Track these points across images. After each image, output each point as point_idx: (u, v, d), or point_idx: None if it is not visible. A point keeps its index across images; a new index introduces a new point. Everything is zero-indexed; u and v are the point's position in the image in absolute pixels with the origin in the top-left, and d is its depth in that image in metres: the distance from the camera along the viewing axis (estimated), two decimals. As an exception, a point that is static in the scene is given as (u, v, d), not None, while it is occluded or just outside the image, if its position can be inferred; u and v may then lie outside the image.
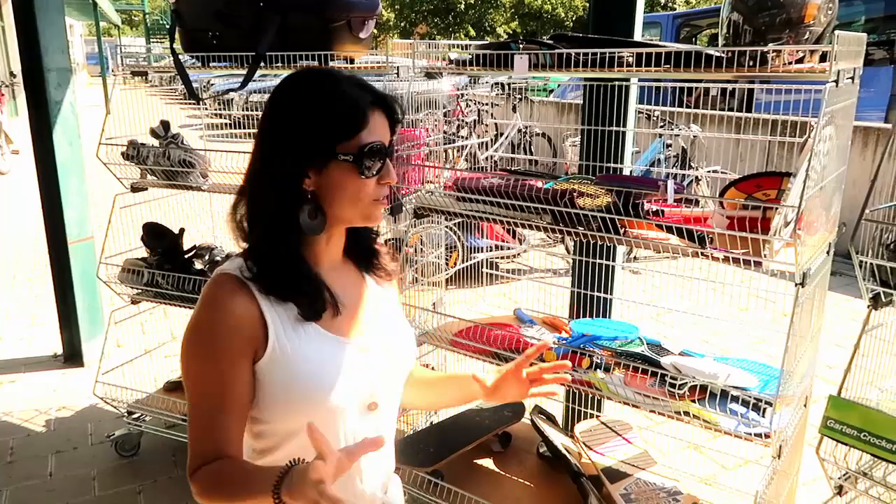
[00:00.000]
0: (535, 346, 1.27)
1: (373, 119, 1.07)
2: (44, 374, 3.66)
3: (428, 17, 37.50)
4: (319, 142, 1.05)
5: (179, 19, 2.56)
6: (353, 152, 1.05)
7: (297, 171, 1.06)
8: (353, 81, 1.10)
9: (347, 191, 1.07)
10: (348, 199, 1.08)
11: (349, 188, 1.07)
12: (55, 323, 3.81)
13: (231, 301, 1.04)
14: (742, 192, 1.92)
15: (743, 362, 2.10)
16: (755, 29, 1.81)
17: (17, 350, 3.96)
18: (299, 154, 1.06)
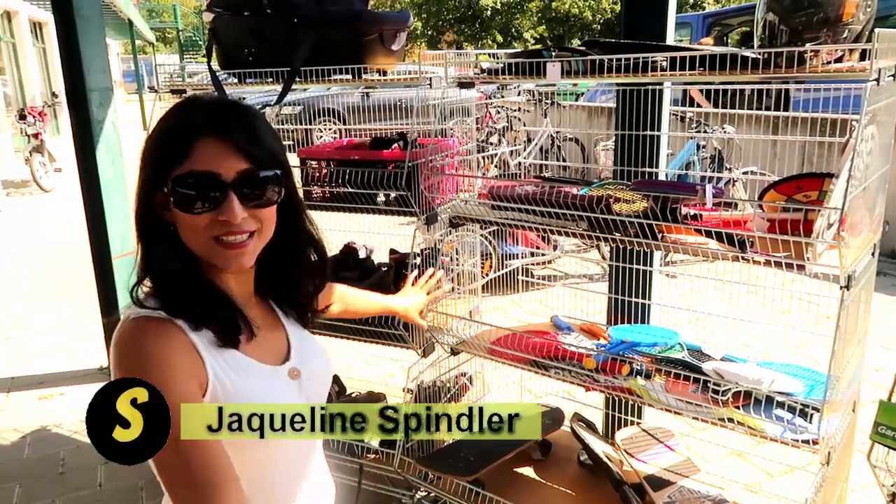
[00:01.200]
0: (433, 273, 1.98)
1: (201, 147, 0.97)
2: (91, 386, 3.75)
3: (454, 24, 37.64)
4: (154, 174, 1.00)
5: (216, 37, 2.61)
6: (173, 184, 0.97)
7: (148, 204, 1.02)
8: (197, 106, 1.03)
9: (183, 226, 1.00)
10: (188, 234, 1.00)
11: (181, 223, 1.00)
12: (100, 336, 3.91)
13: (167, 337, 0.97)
14: (782, 194, 1.88)
15: (787, 367, 2.06)
16: (792, 29, 1.79)
17: (65, 363, 4.07)
18: (145, 187, 1.02)
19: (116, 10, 15.49)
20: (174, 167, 0.97)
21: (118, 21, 18.47)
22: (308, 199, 2.53)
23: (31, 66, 15.22)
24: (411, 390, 2.46)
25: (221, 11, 2.57)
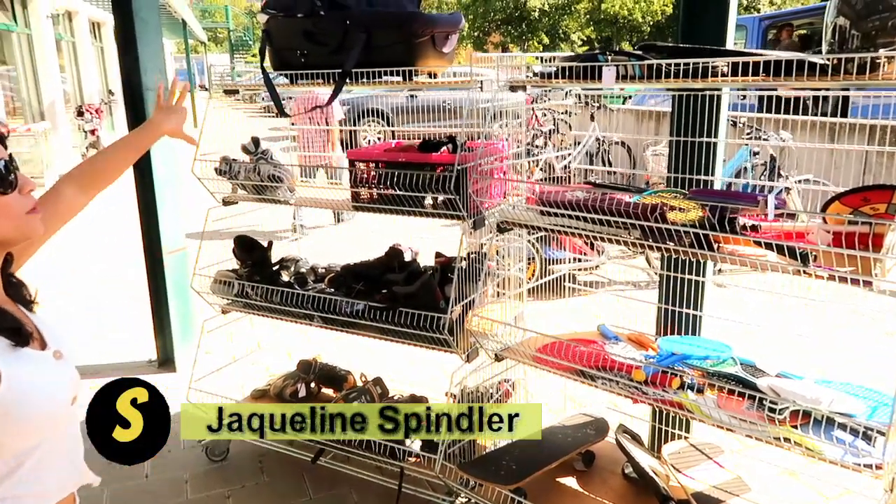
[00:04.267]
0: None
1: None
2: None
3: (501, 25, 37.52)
4: None
5: (269, 39, 2.64)
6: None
7: None
8: None
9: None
10: (2, 219, 1.12)
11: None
12: (150, 330, 3.99)
13: None
14: (847, 206, 1.80)
15: (847, 386, 1.98)
16: (864, 34, 1.70)
17: (116, 355, 4.18)
18: None
19: (171, 10, 15.89)
20: None
21: (172, 21, 18.93)
22: (356, 200, 2.53)
23: (89, 64, 15.72)
24: (454, 395, 2.45)
25: (275, 13, 2.59)
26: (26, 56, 11.52)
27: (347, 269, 2.72)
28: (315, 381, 2.96)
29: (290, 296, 2.57)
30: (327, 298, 2.50)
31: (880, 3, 1.68)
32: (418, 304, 2.33)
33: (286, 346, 4.05)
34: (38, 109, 11.69)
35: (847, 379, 2.04)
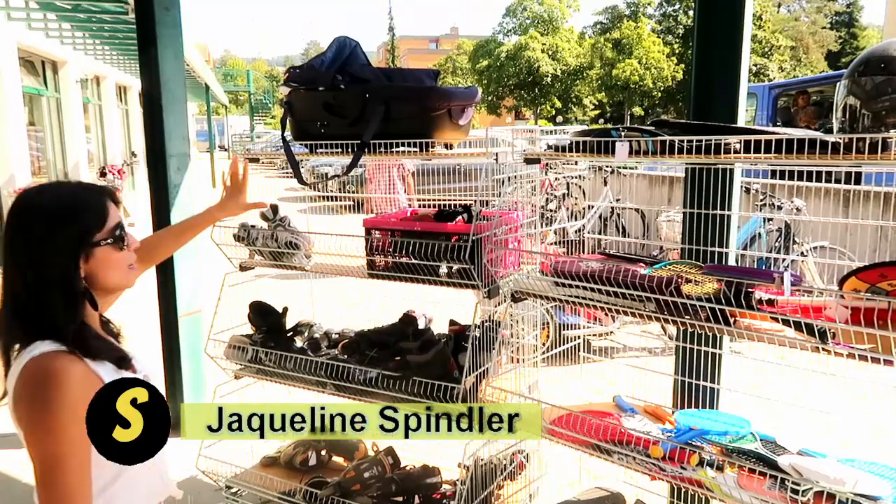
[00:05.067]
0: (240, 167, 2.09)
1: (110, 207, 1.39)
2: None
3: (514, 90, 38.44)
4: (84, 238, 1.34)
5: (291, 110, 2.72)
6: (112, 236, 1.37)
7: (76, 265, 1.33)
8: (80, 185, 1.42)
9: (111, 265, 1.38)
10: (113, 270, 1.39)
11: (112, 263, 1.38)
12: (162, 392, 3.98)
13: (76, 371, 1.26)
14: (864, 281, 1.80)
15: (871, 465, 1.92)
16: (874, 114, 1.74)
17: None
18: (73, 252, 1.32)
19: (195, 75, 16.44)
20: (102, 226, 1.36)
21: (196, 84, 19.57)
22: (371, 268, 2.56)
23: (114, 126, 16.21)
24: (468, 466, 2.40)
25: (297, 86, 2.68)
26: (54, 118, 11.91)
27: (361, 335, 2.72)
28: (326, 448, 2.92)
29: (302, 362, 2.57)
30: (340, 365, 2.49)
31: (889, 84, 1.72)
32: (432, 373, 2.32)
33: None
34: (63, 169, 11.99)
35: (872, 457, 1.99)
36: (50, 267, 1.30)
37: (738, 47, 2.35)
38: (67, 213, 1.33)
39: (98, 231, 1.35)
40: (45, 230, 1.31)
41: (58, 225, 1.31)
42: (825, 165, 1.85)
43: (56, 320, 1.29)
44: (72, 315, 1.31)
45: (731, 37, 2.36)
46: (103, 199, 1.39)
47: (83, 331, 1.32)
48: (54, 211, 1.33)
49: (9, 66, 9.21)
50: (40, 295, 1.30)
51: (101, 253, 1.35)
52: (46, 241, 1.31)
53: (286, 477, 2.85)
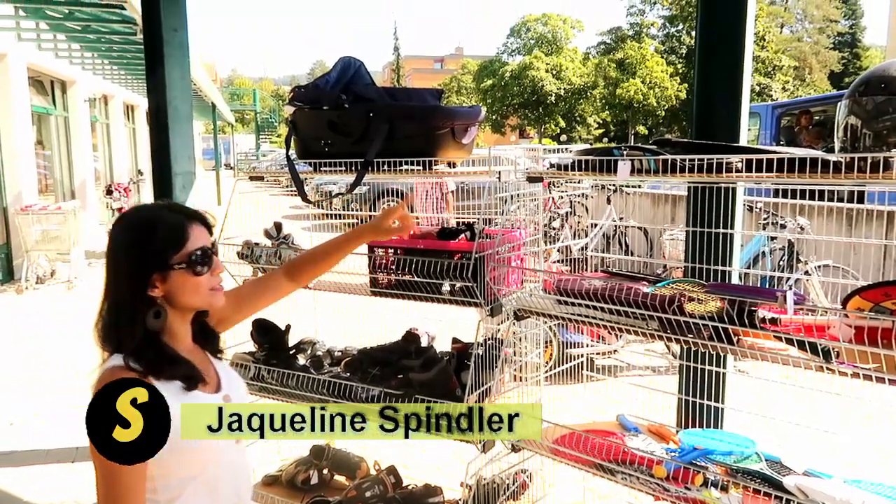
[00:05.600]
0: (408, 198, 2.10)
1: (193, 232, 1.41)
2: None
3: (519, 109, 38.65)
4: (157, 261, 1.37)
5: (295, 129, 2.74)
6: (185, 261, 1.38)
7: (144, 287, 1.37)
8: (169, 208, 1.45)
9: (188, 288, 1.40)
10: (190, 293, 1.41)
11: (189, 286, 1.40)
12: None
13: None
14: (868, 300, 1.79)
15: (878, 486, 1.90)
16: (875, 133, 1.74)
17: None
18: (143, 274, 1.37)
19: (202, 94, 16.59)
20: (178, 250, 1.38)
21: (202, 104, 19.74)
22: (374, 285, 2.56)
23: (121, 144, 16.34)
24: (470, 486, 2.38)
25: (302, 105, 2.70)
26: (62, 137, 12.02)
27: (364, 353, 2.72)
28: (328, 467, 2.91)
29: (305, 380, 2.56)
30: (342, 383, 2.49)
31: (890, 104, 1.72)
32: (434, 392, 2.31)
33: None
34: (70, 188, 12.08)
35: (878, 478, 1.97)
36: (119, 286, 1.38)
37: (740, 67, 2.37)
38: (142, 235, 1.38)
39: (174, 254, 1.37)
40: (121, 251, 1.39)
41: (131, 247, 1.38)
42: (827, 184, 1.86)
43: (121, 336, 1.36)
44: (135, 334, 1.36)
45: (732, 57, 2.38)
46: (185, 223, 1.41)
47: (147, 349, 1.36)
48: (131, 232, 1.40)
49: (18, 85, 9.32)
50: (112, 312, 1.38)
51: (176, 276, 1.38)
52: (121, 261, 1.39)
53: (287, 496, 2.83)
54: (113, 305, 1.39)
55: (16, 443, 4.17)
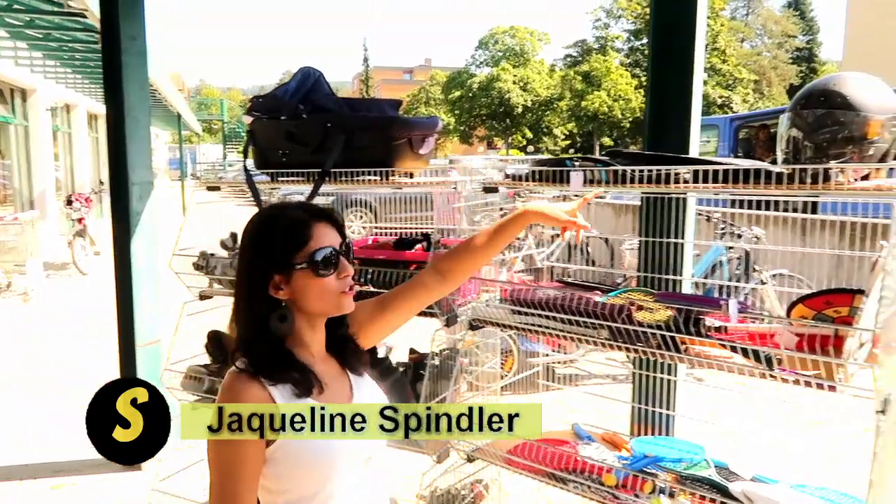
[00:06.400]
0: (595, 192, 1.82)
1: (318, 230, 1.32)
2: (103, 476, 3.70)
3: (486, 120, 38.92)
4: (277, 260, 1.30)
5: (253, 139, 2.73)
6: (307, 260, 1.30)
7: (264, 287, 1.31)
8: (297, 206, 1.39)
9: (313, 291, 1.32)
10: (315, 296, 1.32)
11: (314, 288, 1.31)
12: (119, 424, 3.87)
13: (247, 392, 1.25)
14: (811, 308, 1.84)
15: (822, 490, 1.95)
16: (816, 145, 1.80)
17: (81, 452, 4.03)
18: (263, 273, 1.31)
19: (167, 103, 16.37)
20: (300, 250, 1.31)
21: (168, 114, 19.46)
22: (331, 296, 2.55)
23: (84, 154, 16.01)
24: (425, 497, 2.38)
25: (260, 115, 2.69)
26: (22, 146, 11.74)
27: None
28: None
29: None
30: (299, 395, 2.46)
31: (829, 117, 1.78)
32: (390, 403, 2.30)
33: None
34: (29, 198, 11.79)
35: (824, 482, 2.01)
36: (242, 287, 1.34)
37: (690, 80, 2.43)
38: (263, 234, 1.33)
39: (295, 253, 1.30)
40: (245, 251, 1.35)
41: (253, 246, 1.34)
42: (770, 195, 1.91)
43: (244, 340, 1.32)
44: (256, 336, 1.31)
45: (683, 70, 2.44)
46: (310, 221, 1.33)
47: (265, 352, 1.30)
48: (254, 232, 1.35)
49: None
50: (237, 313, 1.35)
51: (298, 277, 1.31)
52: (245, 261, 1.35)
53: None
54: (238, 306, 1.35)
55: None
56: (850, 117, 1.73)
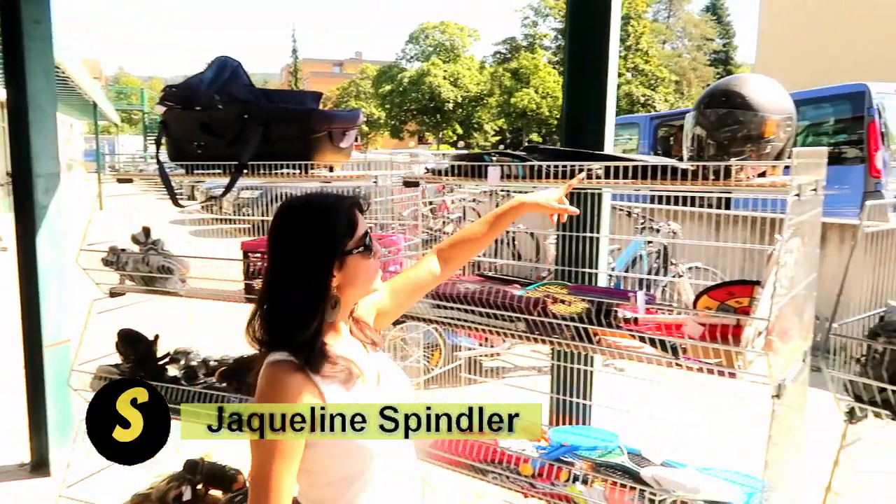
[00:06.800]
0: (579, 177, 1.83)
1: (358, 216, 1.40)
2: (9, 484, 3.50)
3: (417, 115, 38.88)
4: (337, 248, 1.34)
5: (166, 130, 2.63)
6: (362, 244, 1.38)
7: (327, 276, 1.33)
8: (331, 195, 1.43)
9: (362, 274, 1.39)
10: (363, 279, 1.39)
11: (364, 271, 1.39)
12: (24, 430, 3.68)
13: (293, 381, 1.27)
14: (715, 299, 1.92)
15: (726, 472, 2.04)
16: (718, 143, 1.88)
17: (-17, 458, 3.81)
18: (324, 262, 1.33)
19: (82, 91, 15.57)
20: (352, 236, 1.36)
21: (83, 103, 18.53)
22: (249, 292, 2.49)
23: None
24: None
25: (173, 105, 2.60)
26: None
27: (240, 361, 2.64)
28: (202, 482, 2.79)
29: (175, 392, 2.45)
30: (214, 395, 2.40)
31: (730, 116, 1.86)
32: (310, 399, 2.27)
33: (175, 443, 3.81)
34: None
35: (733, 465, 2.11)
36: (296, 279, 1.33)
37: (605, 80, 2.49)
38: (319, 223, 1.35)
39: (349, 239, 1.36)
40: (297, 242, 1.34)
41: (310, 236, 1.34)
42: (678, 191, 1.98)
43: (294, 332, 1.31)
44: (310, 328, 1.32)
45: (598, 70, 2.49)
46: (351, 208, 1.39)
47: (313, 346, 1.32)
48: (306, 222, 1.35)
49: None
50: (286, 306, 1.33)
51: (352, 262, 1.36)
52: (298, 252, 1.33)
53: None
54: (287, 299, 1.33)
55: None
56: (748, 117, 1.82)
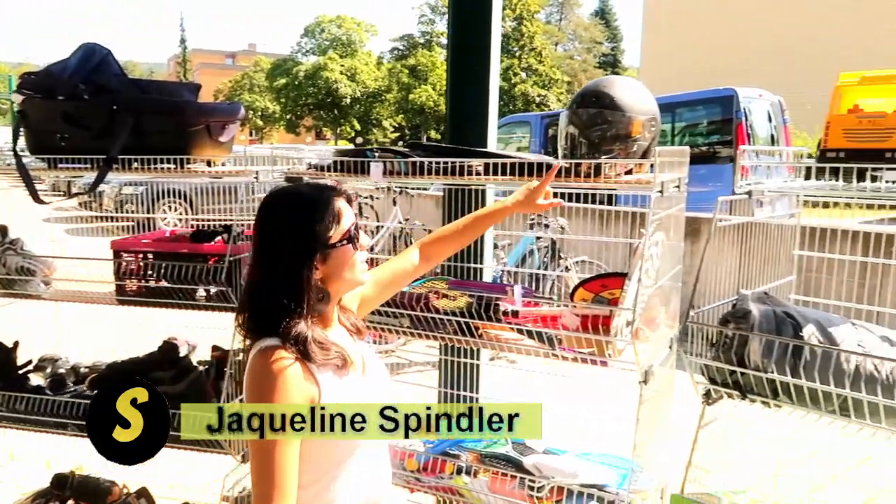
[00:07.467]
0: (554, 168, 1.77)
1: (343, 206, 1.40)
2: None
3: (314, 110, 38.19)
4: (321, 240, 1.35)
5: (25, 121, 2.44)
6: (347, 236, 1.39)
7: (311, 269, 1.34)
8: (315, 185, 1.45)
9: (348, 265, 1.40)
10: (349, 271, 1.41)
11: (349, 263, 1.40)
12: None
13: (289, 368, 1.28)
14: (590, 291, 2.01)
15: (604, 457, 2.13)
16: (590, 142, 1.96)
17: None
18: (307, 255, 1.34)
19: (-65, 77, 14.19)
20: (336, 227, 1.37)
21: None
22: (121, 293, 2.36)
23: None
24: (229, 498, 2.28)
25: (32, 94, 2.41)
26: None
27: (112, 368, 2.49)
28: (73, 497, 2.62)
29: (38, 402, 2.28)
30: (83, 403, 2.26)
31: (600, 116, 1.95)
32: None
33: (44, 456, 3.54)
34: None
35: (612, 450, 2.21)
36: (280, 270, 1.33)
37: (487, 78, 2.53)
38: (303, 214, 1.35)
39: (335, 231, 1.36)
40: (280, 232, 1.34)
41: (293, 227, 1.34)
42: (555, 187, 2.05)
43: (283, 322, 1.31)
44: (299, 319, 1.32)
45: (480, 68, 2.54)
46: (336, 200, 1.39)
47: (305, 334, 1.32)
48: (290, 213, 1.36)
49: None
50: (272, 296, 1.32)
51: (336, 254, 1.37)
52: (282, 242, 1.34)
53: (23, 535, 2.51)
54: (272, 290, 1.34)
55: None
56: (616, 117, 1.90)
